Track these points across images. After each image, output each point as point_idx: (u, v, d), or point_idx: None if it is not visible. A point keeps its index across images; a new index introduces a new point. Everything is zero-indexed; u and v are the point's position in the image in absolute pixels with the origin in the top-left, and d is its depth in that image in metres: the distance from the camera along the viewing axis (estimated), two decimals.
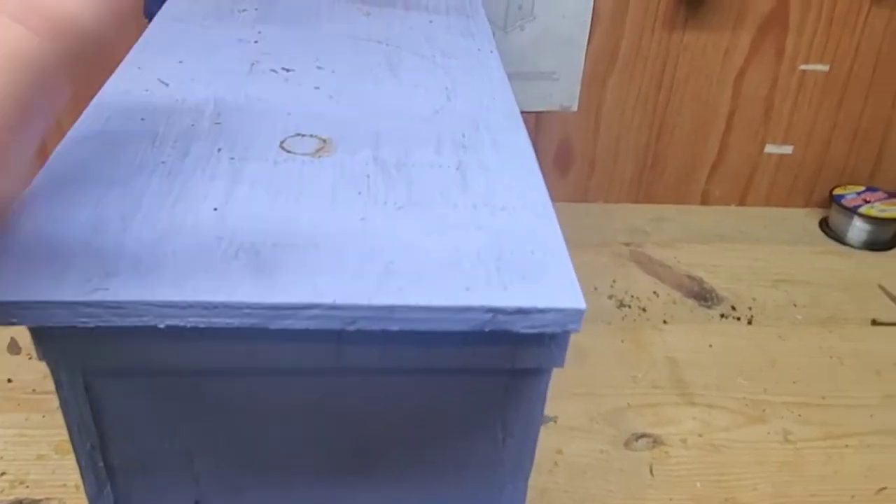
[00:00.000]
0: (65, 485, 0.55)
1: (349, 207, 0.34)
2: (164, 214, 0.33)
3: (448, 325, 0.30)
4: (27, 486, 0.55)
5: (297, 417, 0.36)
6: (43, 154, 0.33)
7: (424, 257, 0.32)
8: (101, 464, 0.37)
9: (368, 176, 0.37)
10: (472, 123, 0.42)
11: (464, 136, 0.41)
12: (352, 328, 0.30)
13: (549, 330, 0.30)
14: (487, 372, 0.34)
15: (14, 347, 0.67)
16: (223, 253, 0.31)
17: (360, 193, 0.36)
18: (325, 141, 0.40)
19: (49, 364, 0.33)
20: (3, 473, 0.56)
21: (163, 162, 0.36)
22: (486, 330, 0.30)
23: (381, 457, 0.38)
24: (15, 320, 0.28)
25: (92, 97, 0.42)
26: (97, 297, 0.28)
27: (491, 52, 0.52)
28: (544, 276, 0.31)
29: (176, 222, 0.32)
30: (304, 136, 0.40)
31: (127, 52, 0.48)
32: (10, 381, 0.63)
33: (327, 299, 0.29)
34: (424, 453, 0.38)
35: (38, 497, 0.54)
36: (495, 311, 0.29)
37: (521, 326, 0.30)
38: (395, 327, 0.30)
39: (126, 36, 0.24)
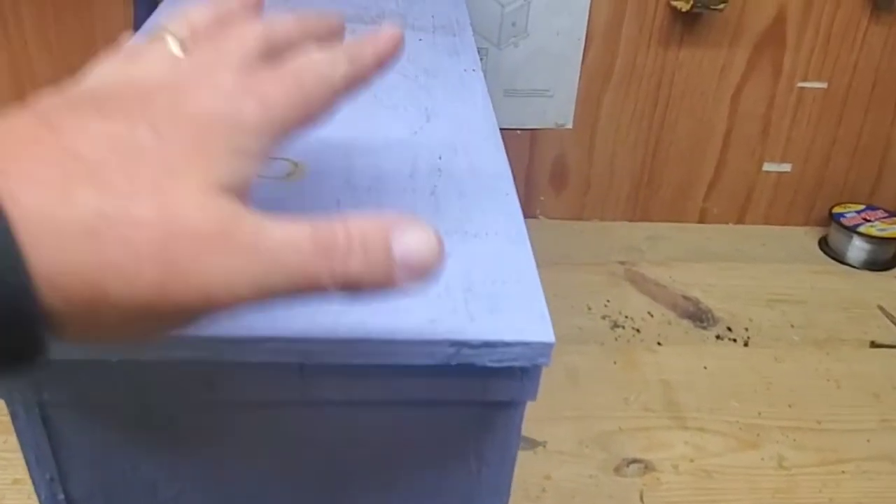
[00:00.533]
0: None
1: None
2: None
3: (412, 359, 0.29)
4: None
5: (262, 450, 0.35)
6: None
7: None
8: (61, 496, 0.36)
9: (339, 201, 0.36)
10: (451, 146, 0.41)
11: (440, 158, 0.40)
12: (311, 362, 0.28)
13: (517, 364, 0.29)
14: (458, 404, 0.33)
15: None
16: None
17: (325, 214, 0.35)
18: (296, 165, 0.39)
19: (1, 395, 0.32)
20: None
21: None
22: (453, 364, 0.29)
23: (352, 489, 0.37)
24: None
25: None
26: None
27: (475, 71, 0.51)
28: (513, 308, 0.30)
29: None
30: (275, 158, 0.39)
31: None
32: None
33: (285, 332, 0.28)
34: (397, 484, 0.37)
35: None
36: (460, 344, 0.28)
37: (488, 360, 0.29)
38: (356, 361, 0.29)
39: None
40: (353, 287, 0.23)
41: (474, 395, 0.32)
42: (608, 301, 0.80)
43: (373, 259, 0.23)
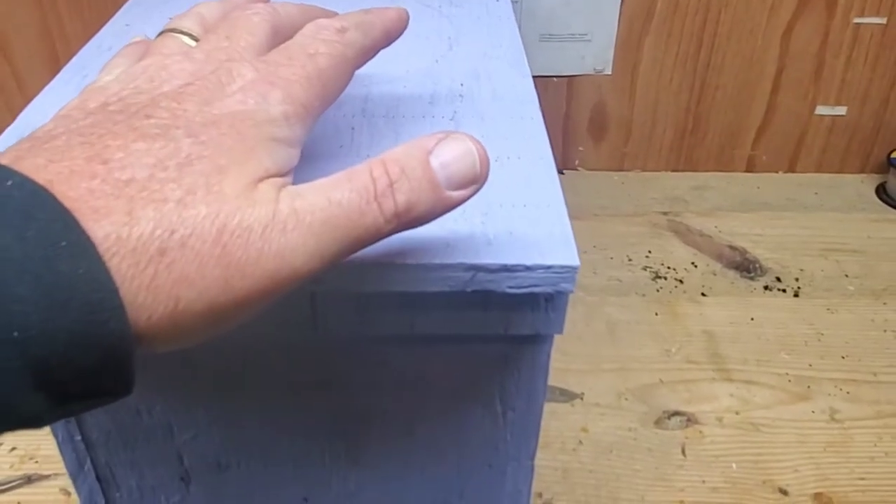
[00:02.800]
0: None
1: (328, 162, 0.32)
2: None
3: (426, 286, 0.27)
4: (36, 462, 0.54)
5: (276, 389, 0.34)
6: None
7: None
8: (78, 437, 0.35)
9: (353, 129, 0.34)
10: (473, 73, 0.39)
11: (462, 85, 0.38)
12: (320, 289, 0.27)
13: (538, 290, 0.27)
14: (479, 339, 0.31)
15: None
16: None
17: (341, 147, 0.33)
18: None
19: None
20: (14, 448, 0.55)
21: None
22: (469, 290, 0.27)
23: (370, 433, 0.35)
24: None
25: None
26: None
27: (502, 1, 0.48)
28: (534, 231, 0.28)
29: None
30: None
31: None
32: None
33: None
34: (416, 429, 0.35)
35: (46, 473, 0.53)
36: (476, 268, 0.26)
37: (507, 286, 0.27)
38: (367, 289, 0.27)
39: None
40: (408, 217, 0.23)
41: (496, 329, 0.30)
42: (649, 252, 0.77)
43: (416, 184, 0.23)
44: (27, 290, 0.18)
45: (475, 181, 0.24)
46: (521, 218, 0.28)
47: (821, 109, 0.87)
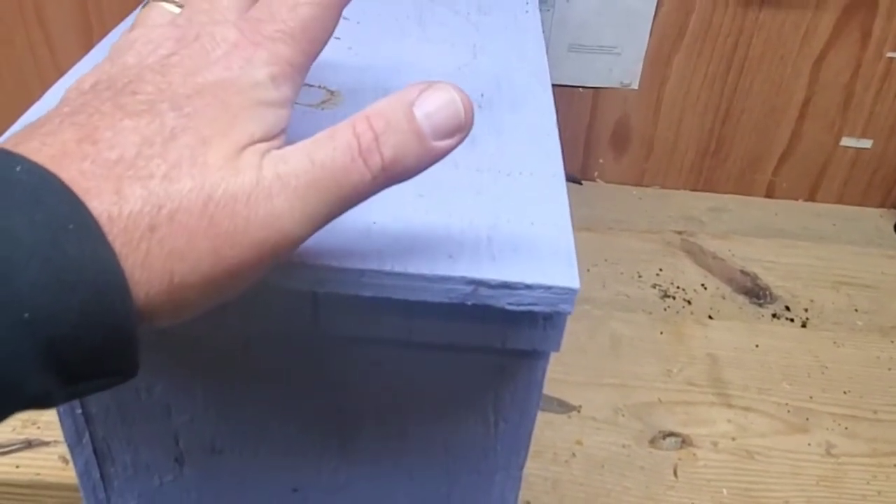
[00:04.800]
0: None
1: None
2: None
3: (426, 296, 0.27)
4: (38, 427, 0.55)
5: (274, 380, 0.34)
6: None
7: (411, 220, 0.29)
8: (79, 410, 0.36)
9: None
10: (495, 82, 0.39)
11: (482, 95, 0.38)
12: (321, 290, 0.27)
13: (537, 309, 0.27)
14: (476, 350, 0.32)
15: None
16: None
17: None
18: (332, 93, 0.38)
19: None
20: None
21: None
22: (469, 304, 0.27)
23: (363, 430, 0.36)
24: None
25: None
26: None
27: (531, 11, 0.48)
28: (539, 250, 0.28)
29: None
30: (311, 86, 0.38)
31: None
32: None
33: (297, 258, 0.27)
34: (410, 430, 0.36)
35: (47, 439, 0.54)
36: (477, 283, 0.27)
37: (506, 302, 0.27)
38: (368, 293, 0.27)
39: None
40: (395, 171, 0.23)
41: (493, 342, 0.31)
42: (660, 270, 0.77)
43: (401, 136, 0.23)
44: (37, 274, 0.19)
45: (460, 129, 0.24)
46: (526, 235, 0.29)
47: (846, 141, 0.86)
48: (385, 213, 0.29)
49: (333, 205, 0.23)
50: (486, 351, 0.32)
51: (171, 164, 0.21)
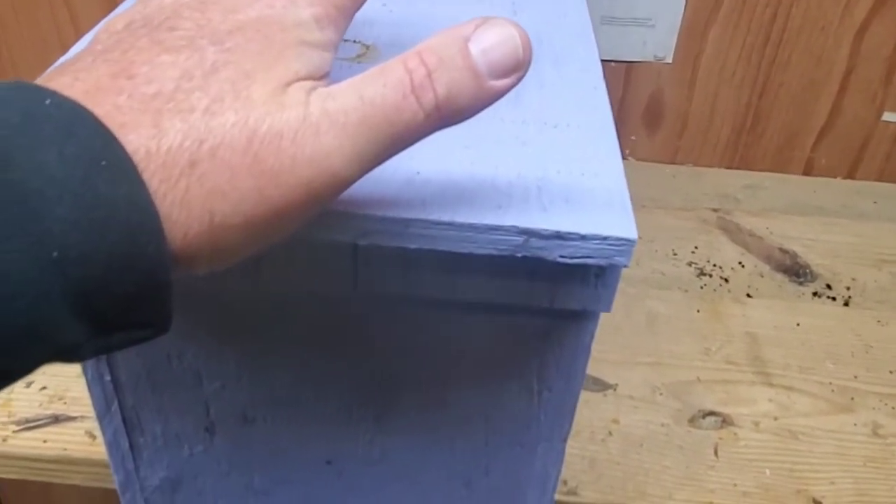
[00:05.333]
0: None
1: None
2: None
3: (474, 247, 0.26)
4: (65, 403, 0.55)
5: (309, 345, 0.33)
6: None
7: (457, 170, 0.27)
8: (108, 377, 0.35)
9: None
10: (536, 38, 0.37)
11: None
12: (363, 242, 0.26)
13: (591, 261, 0.25)
14: (522, 311, 0.30)
15: None
16: None
17: None
18: (368, 47, 0.36)
19: None
20: (44, 388, 0.55)
21: None
22: (518, 256, 0.26)
23: (401, 399, 0.34)
24: None
25: None
26: None
27: None
28: (591, 201, 0.26)
29: None
30: (346, 41, 0.36)
31: None
32: None
33: (339, 206, 0.25)
34: (449, 399, 0.34)
35: (73, 414, 0.54)
36: (529, 233, 0.25)
37: (558, 255, 0.25)
38: (413, 245, 0.26)
39: None
40: (449, 110, 0.22)
41: (541, 301, 0.29)
42: (696, 248, 0.74)
43: (456, 73, 0.22)
44: (67, 211, 0.18)
45: (518, 68, 0.23)
46: (578, 186, 0.27)
47: (888, 116, 0.83)
48: (429, 163, 0.28)
49: (383, 144, 0.22)
50: (533, 312, 0.30)
51: (212, 97, 0.20)
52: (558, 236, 0.25)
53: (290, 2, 0.23)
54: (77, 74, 0.20)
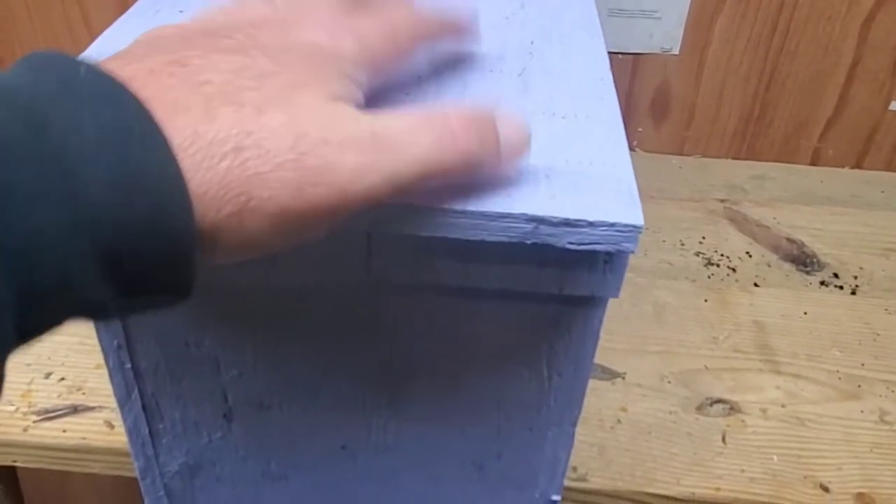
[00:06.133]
0: None
1: (394, 108, 0.31)
2: None
3: (485, 234, 0.26)
4: (83, 393, 0.56)
5: (325, 333, 0.34)
6: None
7: None
8: (128, 365, 0.36)
9: (419, 77, 0.34)
10: (544, 31, 0.38)
11: (532, 42, 0.37)
12: (377, 230, 0.27)
13: (600, 247, 0.26)
14: (533, 297, 0.31)
15: None
16: None
17: (407, 94, 0.32)
18: None
19: None
20: (63, 379, 0.57)
21: None
22: (528, 243, 0.26)
23: (414, 385, 0.35)
24: None
25: None
26: None
27: None
28: (599, 188, 0.27)
29: None
30: None
31: None
32: None
33: None
34: (461, 385, 0.35)
35: (92, 404, 0.55)
36: (538, 220, 0.26)
37: (567, 241, 0.26)
38: (424, 233, 0.26)
39: None
40: (473, 168, 0.25)
41: (550, 287, 0.30)
42: (703, 238, 0.75)
43: (486, 140, 0.25)
44: (101, 173, 0.18)
45: (522, 156, 0.27)
46: (586, 175, 0.28)
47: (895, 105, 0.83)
48: None
49: (415, 176, 0.23)
50: (543, 298, 0.31)
51: (263, 97, 0.21)
52: (567, 223, 0.26)
53: (334, 38, 0.25)
54: (127, 60, 0.21)
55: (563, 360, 0.33)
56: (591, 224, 0.25)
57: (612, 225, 0.25)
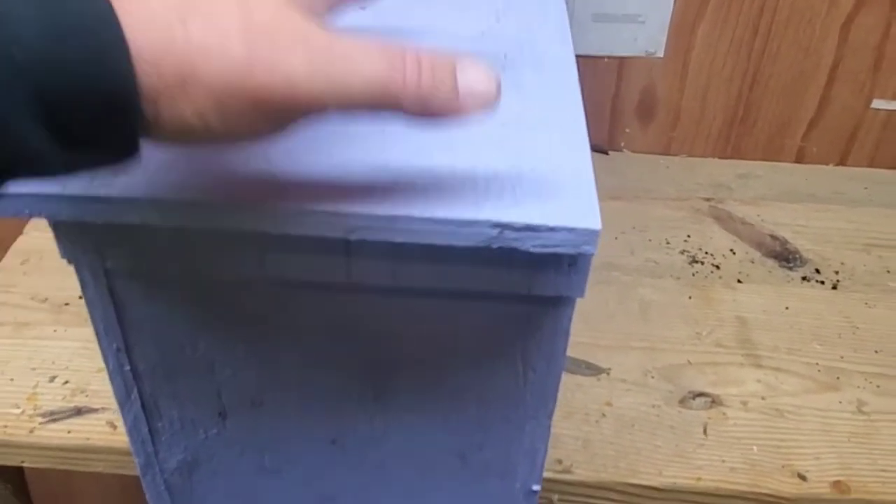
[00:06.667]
0: None
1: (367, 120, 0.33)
2: None
3: (454, 240, 0.28)
4: (87, 396, 0.58)
5: (311, 333, 0.36)
6: None
7: (437, 171, 0.30)
8: (127, 367, 0.38)
9: None
10: (517, 45, 0.40)
11: (505, 56, 0.39)
12: (353, 237, 0.29)
13: (561, 250, 0.28)
14: (503, 298, 0.33)
15: None
16: (235, 158, 0.30)
17: None
18: None
19: (71, 262, 0.34)
20: (67, 382, 0.59)
21: None
22: (494, 247, 0.28)
23: (398, 381, 0.37)
24: (27, 211, 0.29)
25: None
26: (102, 192, 0.28)
27: None
28: (561, 196, 0.29)
29: None
30: None
31: None
32: (80, 297, 0.66)
33: (328, 206, 0.28)
34: (443, 380, 0.37)
35: (95, 406, 0.57)
36: (502, 226, 0.28)
37: (530, 245, 0.28)
38: (398, 239, 0.29)
39: None
40: (424, 105, 0.24)
41: (519, 289, 0.32)
42: (688, 236, 0.77)
43: (441, 81, 0.24)
44: (32, 12, 0.19)
45: (488, 106, 0.26)
46: (549, 182, 0.30)
47: (877, 103, 0.85)
48: (412, 163, 0.30)
49: (363, 96, 0.24)
50: (513, 299, 0.33)
51: None
52: (529, 228, 0.28)
53: None
54: None
55: (536, 357, 0.35)
56: (551, 229, 0.27)
57: (573, 230, 0.27)
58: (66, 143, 0.21)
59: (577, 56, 0.40)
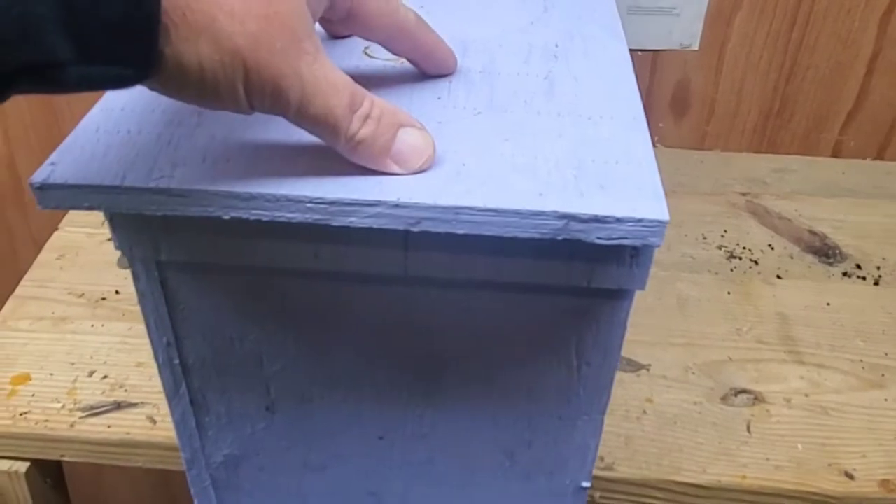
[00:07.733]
0: (160, 391, 0.56)
1: (426, 111, 0.33)
2: None
3: (517, 231, 0.28)
4: (126, 390, 0.58)
5: (364, 328, 0.35)
6: None
7: (499, 162, 0.30)
8: (176, 361, 0.38)
9: (450, 82, 0.35)
10: (567, 34, 0.39)
11: (557, 46, 0.38)
12: (415, 229, 0.28)
13: (627, 242, 0.27)
14: (562, 290, 0.32)
15: (123, 261, 0.69)
16: (292, 149, 0.30)
17: (439, 98, 0.34)
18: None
19: (124, 253, 0.33)
20: (105, 377, 0.59)
21: None
22: (559, 239, 0.28)
23: (449, 376, 0.37)
24: (87, 204, 0.29)
25: None
26: (162, 184, 0.28)
27: None
28: (626, 186, 0.28)
29: (249, 118, 0.31)
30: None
31: None
32: (117, 292, 0.66)
33: (391, 197, 0.28)
34: (494, 376, 0.36)
35: (134, 401, 0.57)
36: (568, 217, 0.27)
37: (596, 237, 0.27)
38: (460, 230, 0.28)
39: None
40: (353, 146, 0.28)
41: (580, 281, 0.31)
42: (725, 231, 0.76)
43: (380, 134, 0.28)
44: None
45: (411, 169, 0.29)
46: (612, 173, 0.29)
47: None
48: (473, 155, 0.30)
49: (314, 118, 0.27)
50: (572, 291, 0.32)
51: None
52: (596, 219, 0.27)
53: None
54: None
55: (592, 351, 0.35)
56: (618, 220, 0.27)
57: (640, 220, 0.27)
58: (86, 54, 0.21)
59: None
